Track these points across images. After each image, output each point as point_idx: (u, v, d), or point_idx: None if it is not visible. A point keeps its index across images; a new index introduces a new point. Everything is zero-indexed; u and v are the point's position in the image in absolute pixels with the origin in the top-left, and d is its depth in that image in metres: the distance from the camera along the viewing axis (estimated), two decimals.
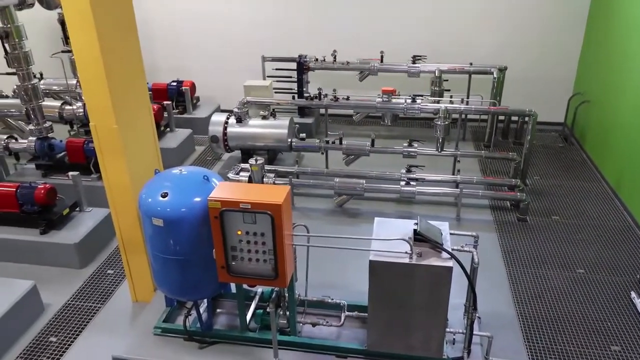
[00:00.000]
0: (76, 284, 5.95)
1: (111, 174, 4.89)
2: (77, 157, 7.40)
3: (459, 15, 9.44)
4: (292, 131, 7.89)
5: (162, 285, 4.58)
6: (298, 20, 9.94)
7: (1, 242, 6.19)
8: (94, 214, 6.57)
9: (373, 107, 7.94)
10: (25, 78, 7.15)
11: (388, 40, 9.56)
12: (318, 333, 4.77)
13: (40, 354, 5.01)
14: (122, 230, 5.12)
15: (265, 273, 4.12)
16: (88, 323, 5.37)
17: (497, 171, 8.33)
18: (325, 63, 9.24)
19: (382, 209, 7.21)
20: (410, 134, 9.21)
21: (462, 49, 9.44)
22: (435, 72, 8.72)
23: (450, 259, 3.98)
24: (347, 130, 8.84)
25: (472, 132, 9.65)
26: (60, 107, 8.60)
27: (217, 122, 7.91)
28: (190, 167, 4.57)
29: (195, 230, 4.16)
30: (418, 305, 4.09)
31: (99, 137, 4.74)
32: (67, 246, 6.09)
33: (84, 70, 4.49)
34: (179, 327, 4.79)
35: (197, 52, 10.51)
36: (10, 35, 6.82)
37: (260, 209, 3.83)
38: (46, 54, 8.65)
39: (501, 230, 6.74)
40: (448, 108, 7.38)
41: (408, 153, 7.46)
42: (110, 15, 4.47)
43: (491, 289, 5.54)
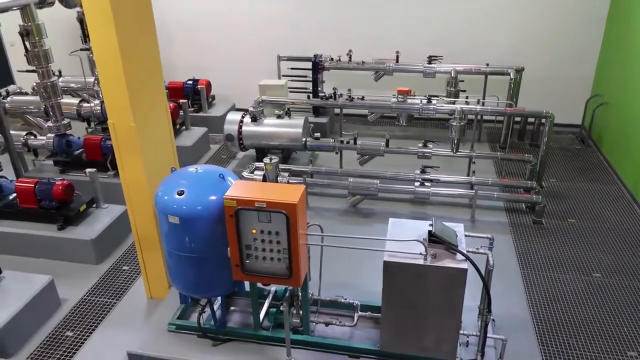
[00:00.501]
0: (92, 279, 6.02)
1: (128, 172, 4.94)
2: (94, 154, 7.49)
3: (476, 15, 9.37)
4: (306, 130, 7.91)
5: (177, 283, 4.62)
6: (314, 19, 9.95)
7: (20, 237, 6.29)
8: (110, 211, 6.65)
9: (388, 107, 7.91)
10: (45, 76, 7.25)
11: (404, 40, 9.53)
12: (331, 333, 4.77)
13: (56, 348, 5.08)
14: (138, 227, 5.17)
15: (280, 272, 4.13)
16: (103, 318, 5.44)
17: (513, 173, 8.26)
18: (340, 63, 9.24)
19: (395, 210, 7.19)
20: (425, 135, 9.17)
21: (478, 49, 9.38)
22: (451, 72, 8.67)
23: (465, 260, 3.96)
24: (361, 130, 8.82)
25: (487, 133, 9.58)
26: (78, 105, 8.71)
27: (233, 121, 7.95)
28: (206, 165, 4.60)
29: (210, 229, 4.19)
30: (432, 306, 4.08)
31: (116, 135, 4.80)
32: (84, 242, 6.17)
33: (103, 68, 4.54)
34: (193, 324, 4.82)
35: (213, 50, 10.57)
36: (30, 34, 6.92)
37: (275, 208, 3.85)
38: (65, 52, 8.77)
39: (516, 232, 6.69)
40: (464, 109, 7.33)
41: (423, 154, 7.43)
42: (130, 14, 4.52)
43: (505, 292, 5.50)
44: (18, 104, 9.03)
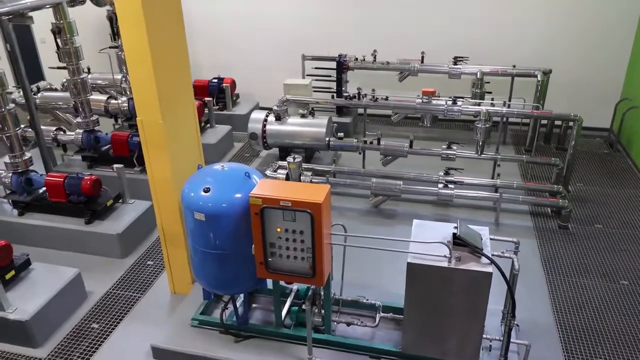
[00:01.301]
0: (117, 273, 6.13)
1: (155, 168, 5.01)
2: (121, 150, 7.61)
3: (503, 15, 9.25)
4: (330, 130, 7.92)
5: (201, 278, 4.68)
6: (339, 19, 9.94)
7: (49, 230, 6.44)
8: (136, 206, 6.75)
9: (413, 108, 7.88)
10: (75, 72, 7.41)
11: (429, 40, 9.46)
12: (352, 333, 4.78)
13: (82, 340, 5.19)
14: (163, 223, 5.25)
15: (303, 271, 4.15)
16: (128, 312, 5.54)
17: (539, 177, 8.14)
18: (365, 63, 9.23)
19: (418, 211, 7.15)
20: (448, 136, 9.10)
21: (505, 51, 9.26)
22: (477, 73, 8.58)
23: (490, 264, 3.92)
24: (384, 131, 8.79)
25: (512, 135, 9.46)
26: (106, 101, 8.88)
27: (257, 120, 8.01)
28: (231, 163, 4.64)
29: (235, 226, 4.23)
30: (455, 310, 4.05)
31: (144, 132, 4.87)
32: (110, 236, 6.28)
33: (133, 66, 4.62)
34: (215, 320, 4.87)
35: (238, 49, 10.65)
36: (62, 31, 7.09)
37: (300, 207, 3.87)
38: (94, 49, 8.94)
39: (541, 237, 6.59)
40: (489, 111, 7.26)
41: (446, 155, 7.37)
42: (160, 13, 4.59)
43: (530, 297, 5.43)
44: (48, 100, 9.25)
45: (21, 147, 6.54)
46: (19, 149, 6.49)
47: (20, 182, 6.56)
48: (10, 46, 6.84)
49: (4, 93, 6.17)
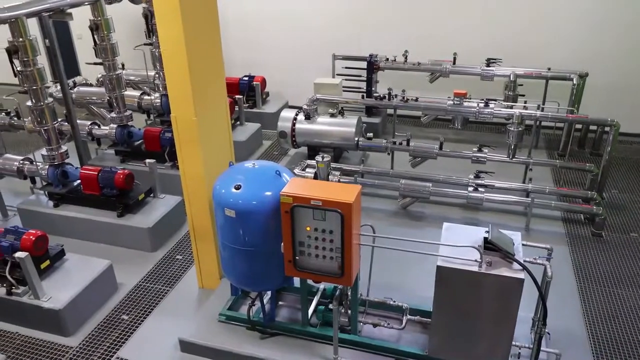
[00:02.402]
0: (147, 266, 6.24)
1: (187, 164, 5.08)
2: (153, 146, 7.74)
3: (538, 16, 9.06)
4: (359, 130, 7.89)
5: (230, 274, 4.72)
6: (370, 19, 9.90)
7: (82, 222, 6.59)
8: (166, 201, 6.86)
9: (443, 109, 7.80)
10: (111, 68, 7.57)
11: (461, 41, 9.34)
12: (378, 334, 4.76)
13: (112, 330, 5.31)
14: (193, 218, 5.32)
15: (331, 270, 4.15)
16: (157, 304, 5.63)
17: (572, 182, 7.96)
18: (395, 63, 9.16)
19: (446, 214, 7.08)
20: (478, 139, 8.96)
21: (539, 53, 9.07)
22: (510, 76, 8.44)
23: (522, 270, 3.85)
24: (413, 132, 8.71)
25: (545, 139, 9.27)
26: (139, 97, 9.02)
27: (286, 118, 8.04)
28: (262, 161, 4.67)
29: (264, 223, 4.26)
30: (485, 315, 3.99)
31: (178, 128, 4.94)
32: (141, 230, 6.40)
33: (169, 63, 4.69)
34: (242, 316, 4.92)
35: (269, 48, 10.71)
36: (99, 28, 7.24)
37: (330, 206, 3.87)
38: (128, 45, 9.09)
39: (573, 244, 6.45)
40: (522, 114, 7.13)
41: (477, 158, 7.27)
42: (196, 12, 4.65)
43: (561, 305, 5.31)
44: (83, 95, 9.45)
45: (58, 140, 6.71)
46: (55, 142, 6.66)
47: (56, 174, 6.74)
48: (49, 42, 7.02)
49: (43, 87, 6.34)
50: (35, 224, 6.51)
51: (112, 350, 5.05)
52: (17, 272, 5.18)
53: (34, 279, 5.06)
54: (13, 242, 5.19)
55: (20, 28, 5.93)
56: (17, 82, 6.35)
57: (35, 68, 6.14)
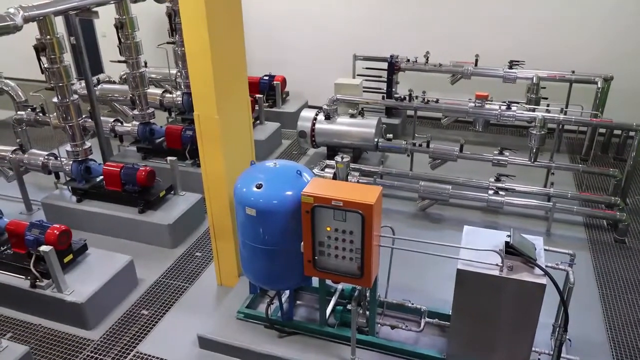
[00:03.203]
0: (167, 262, 6.31)
1: (209, 162, 5.13)
2: (175, 143, 7.82)
3: (562, 18, 8.94)
4: (379, 131, 7.88)
5: (249, 272, 4.75)
6: (392, 19, 9.88)
7: (104, 217, 6.69)
8: (186, 198, 6.93)
9: (465, 111, 7.75)
10: (135, 66, 7.67)
11: (484, 43, 9.25)
12: (395, 336, 4.75)
13: (132, 325, 5.38)
14: (214, 216, 5.37)
15: (351, 271, 4.15)
16: (176, 301, 5.69)
17: (594, 187, 7.84)
18: (416, 64, 9.12)
19: (466, 217, 7.03)
20: (499, 142, 8.90)
21: (563, 55, 8.95)
22: (533, 78, 8.34)
23: (544, 276, 3.81)
24: (433, 134, 8.67)
25: (567, 143, 9.14)
26: (161, 95, 9.14)
27: (306, 118, 8.06)
28: (283, 160, 4.69)
29: (284, 223, 4.27)
30: (505, 320, 3.96)
31: (200, 126, 4.99)
32: (161, 226, 6.47)
33: (193, 62, 4.74)
34: (260, 314, 4.95)
35: (289, 47, 10.74)
36: (124, 26, 7.34)
37: (351, 207, 3.87)
38: (150, 44, 9.19)
39: (595, 250, 6.35)
40: (545, 117, 7.05)
41: (498, 161, 7.21)
42: (221, 12, 4.69)
43: (581, 312, 5.23)
44: (106, 92, 9.61)
45: (82, 136, 6.82)
46: (80, 138, 6.78)
47: (79, 170, 6.85)
48: (75, 39, 7.15)
49: (69, 84, 6.45)
50: (59, 218, 6.64)
51: (132, 344, 5.12)
52: (41, 265, 5.29)
53: (58, 273, 5.15)
54: (38, 235, 5.29)
55: (48, 26, 6.04)
56: (43, 78, 6.47)
57: (61, 65, 6.26)
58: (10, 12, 5.55)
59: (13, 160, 7.17)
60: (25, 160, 7.21)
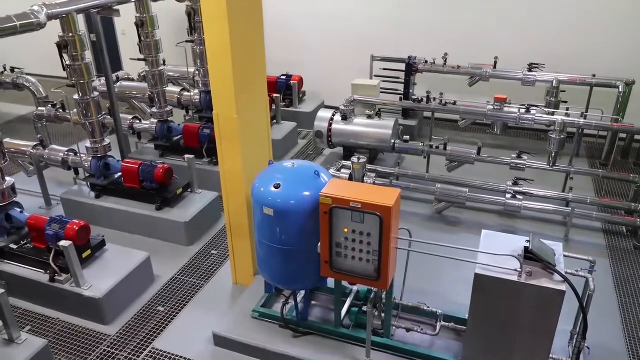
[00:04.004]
0: (183, 260, 6.36)
1: (227, 161, 5.16)
2: (192, 142, 7.87)
3: (583, 21, 8.82)
4: (396, 132, 7.85)
5: (265, 272, 4.77)
6: (410, 20, 9.84)
7: (122, 214, 6.76)
8: (203, 196, 6.97)
9: (483, 114, 7.69)
10: (154, 64, 7.74)
11: (503, 45, 9.17)
12: (410, 339, 4.73)
13: (148, 321, 5.43)
14: (230, 215, 5.39)
15: (367, 273, 4.15)
16: (192, 298, 5.73)
17: (614, 193, 7.73)
18: (435, 66, 9.06)
19: (482, 220, 6.97)
20: (517, 145, 8.81)
21: (584, 59, 8.83)
22: (553, 82, 8.25)
23: (563, 282, 3.77)
24: (450, 136, 8.57)
25: (586, 148, 9.03)
26: (179, 93, 9.20)
27: (323, 118, 8.06)
28: (301, 161, 4.70)
29: (302, 223, 4.28)
30: (522, 326, 3.92)
31: (220, 125, 5.02)
32: (178, 224, 6.51)
33: (213, 61, 4.77)
34: (276, 314, 4.96)
35: (307, 48, 10.75)
36: (145, 25, 7.41)
37: (370, 209, 3.86)
38: (169, 42, 9.25)
39: (614, 257, 6.26)
40: (565, 121, 6.97)
41: (516, 165, 7.14)
42: (242, 12, 4.71)
43: (600, 319, 5.15)
44: (125, 89, 9.68)
45: (101, 133, 6.89)
46: (99, 135, 6.85)
47: (98, 166, 6.93)
48: (95, 37, 7.23)
49: (90, 81, 6.53)
50: (77, 213, 6.71)
51: (148, 340, 5.17)
52: (60, 260, 5.35)
53: (76, 268, 5.21)
54: (58, 230, 5.36)
55: (71, 23, 6.12)
56: (63, 75, 6.55)
57: (83, 63, 6.34)
58: (34, 10, 5.62)
59: (34, 155, 7.28)
60: (46, 156, 7.30)
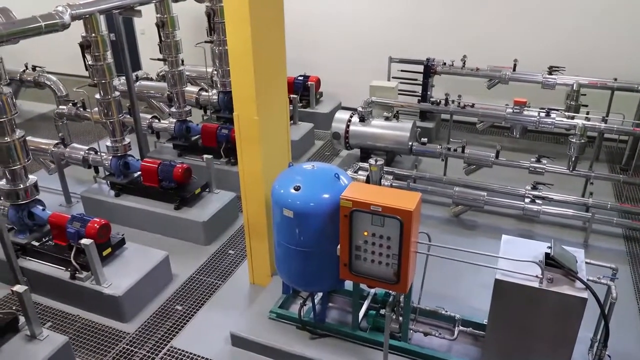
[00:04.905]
0: (201, 259, 6.40)
1: (246, 162, 5.18)
2: (210, 141, 7.92)
3: (604, 24, 8.70)
4: (413, 135, 7.83)
5: (283, 273, 4.79)
6: (428, 22, 9.79)
7: (141, 212, 6.83)
8: (221, 196, 7.01)
9: (502, 117, 7.63)
10: (174, 64, 7.80)
11: (523, 48, 9.09)
12: (428, 343, 4.72)
13: (167, 319, 5.48)
14: (249, 215, 5.42)
15: (386, 276, 4.14)
16: (209, 297, 5.77)
17: (635, 198, 7.62)
18: (453, 68, 9.01)
19: (500, 224, 6.92)
20: (535, 148, 8.74)
21: (605, 62, 8.71)
22: (573, 85, 8.16)
23: (585, 289, 3.73)
24: (468, 139, 8.55)
25: (607, 152, 8.91)
26: (197, 93, 9.27)
27: (341, 120, 8.06)
28: (321, 163, 4.70)
29: (321, 225, 4.28)
30: (543, 333, 3.89)
31: (240, 126, 5.04)
32: (196, 223, 6.56)
33: (235, 63, 4.80)
34: (293, 315, 4.98)
35: (324, 48, 10.76)
36: (165, 25, 7.47)
37: (390, 213, 3.86)
38: (187, 42, 9.32)
39: (635, 264, 6.18)
40: (586, 125, 6.89)
41: (535, 169, 7.08)
42: (264, 14, 4.73)
43: (620, 327, 5.08)
44: (144, 89, 9.78)
45: (122, 132, 6.97)
46: (119, 134, 6.93)
47: (118, 165, 7.01)
48: (115, 36, 7.31)
49: (111, 81, 6.60)
50: (97, 211, 6.80)
51: (166, 339, 5.22)
52: (81, 257, 5.43)
53: (97, 266, 5.28)
54: (79, 229, 5.43)
55: (94, 24, 6.20)
56: (83, 74, 6.63)
57: (105, 63, 6.42)
58: (59, 10, 5.70)
59: (55, 153, 7.38)
60: (67, 154, 7.41)
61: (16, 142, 5.44)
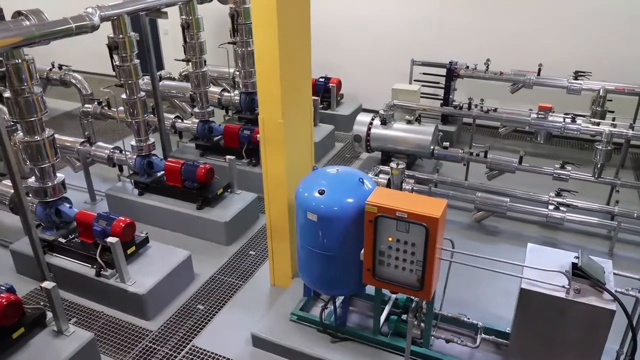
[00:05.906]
0: (222, 259, 6.46)
1: (270, 164, 5.21)
2: (232, 142, 7.97)
3: (632, 29, 8.56)
4: (435, 138, 7.79)
5: (305, 275, 4.81)
6: (451, 25, 9.73)
7: (163, 212, 6.91)
8: (242, 197, 7.06)
9: (526, 122, 7.56)
10: (198, 65, 7.87)
11: (548, 52, 8.97)
12: (449, 350, 4.70)
13: (188, 318, 5.54)
14: (271, 217, 5.45)
15: (410, 283, 4.13)
16: (230, 298, 5.82)
17: None
18: (476, 71, 8.94)
19: (522, 231, 6.86)
20: (558, 154, 8.63)
21: (632, 67, 8.56)
22: (600, 91, 8.04)
23: (614, 301, 3.69)
24: (490, 143, 8.47)
25: (632, 159, 8.76)
26: (219, 94, 9.34)
27: (362, 122, 8.05)
28: (345, 167, 4.71)
29: (344, 230, 4.29)
30: (568, 344, 3.85)
31: (264, 129, 5.07)
32: (218, 224, 6.62)
33: (261, 66, 4.83)
34: (314, 318, 4.99)
35: (345, 51, 10.74)
36: (190, 26, 7.55)
37: (416, 219, 3.85)
38: (210, 43, 9.39)
39: None
40: (612, 132, 6.79)
41: (559, 175, 7.00)
42: (291, 17, 4.75)
43: None
44: (167, 88, 9.88)
45: (146, 132, 7.06)
46: (144, 133, 7.02)
47: (142, 164, 7.10)
48: (143, 37, 7.40)
49: (137, 82, 6.69)
50: (121, 209, 6.90)
51: (188, 338, 5.27)
52: (106, 255, 5.52)
53: (122, 264, 5.36)
54: (105, 227, 5.52)
55: (122, 25, 6.29)
56: (109, 72, 6.72)
57: (132, 64, 6.51)
58: (88, 12, 5.78)
59: (81, 151, 7.50)
60: (92, 152, 7.52)
61: (46, 141, 5.54)
